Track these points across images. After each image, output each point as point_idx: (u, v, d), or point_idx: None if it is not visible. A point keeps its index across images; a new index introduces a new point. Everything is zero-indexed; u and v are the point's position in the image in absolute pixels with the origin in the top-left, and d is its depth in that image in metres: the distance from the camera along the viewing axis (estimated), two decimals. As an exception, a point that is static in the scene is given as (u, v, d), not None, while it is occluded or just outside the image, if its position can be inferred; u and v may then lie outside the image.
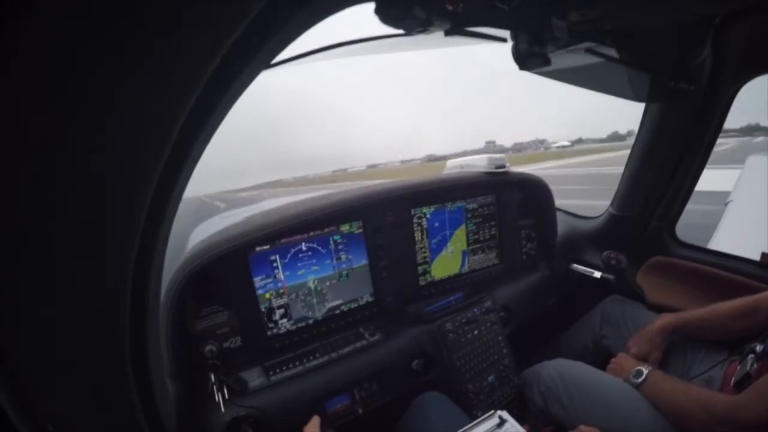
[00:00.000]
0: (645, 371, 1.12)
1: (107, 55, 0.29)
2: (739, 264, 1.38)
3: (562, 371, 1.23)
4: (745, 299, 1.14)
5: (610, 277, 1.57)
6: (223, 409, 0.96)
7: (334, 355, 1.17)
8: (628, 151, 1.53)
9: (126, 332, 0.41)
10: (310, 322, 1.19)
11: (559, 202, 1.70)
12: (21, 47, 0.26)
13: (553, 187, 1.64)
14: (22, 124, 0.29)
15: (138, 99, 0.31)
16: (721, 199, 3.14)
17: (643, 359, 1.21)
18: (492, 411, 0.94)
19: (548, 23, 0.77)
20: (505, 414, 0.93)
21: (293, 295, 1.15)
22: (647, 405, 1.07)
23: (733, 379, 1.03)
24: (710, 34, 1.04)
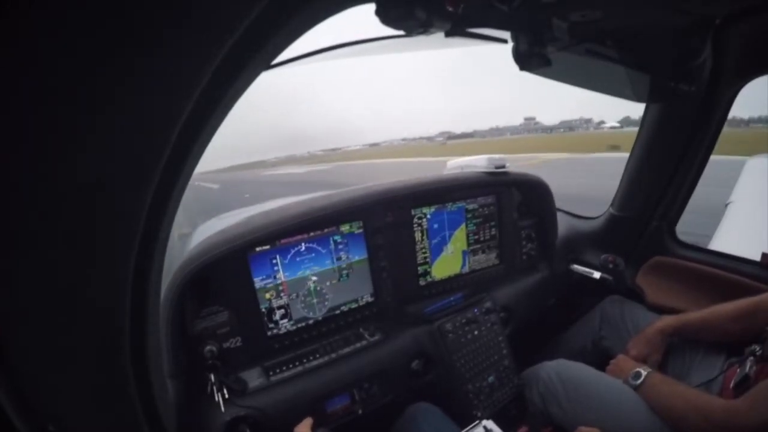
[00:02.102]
0: (643, 373, 1.12)
1: (107, 55, 0.29)
2: (740, 264, 1.38)
3: (561, 372, 1.23)
4: (745, 301, 1.14)
5: (609, 277, 1.57)
6: (222, 409, 0.96)
7: (333, 355, 1.17)
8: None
9: (126, 332, 0.41)
10: (310, 322, 1.19)
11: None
12: (21, 47, 0.27)
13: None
14: (21, 124, 0.29)
15: (138, 99, 0.32)
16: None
17: (643, 361, 1.21)
18: (477, 421, 0.95)
19: (548, 24, 0.77)
20: (490, 423, 0.94)
21: (293, 296, 1.15)
22: (646, 406, 1.06)
23: (732, 381, 1.03)
24: (710, 34, 1.04)
